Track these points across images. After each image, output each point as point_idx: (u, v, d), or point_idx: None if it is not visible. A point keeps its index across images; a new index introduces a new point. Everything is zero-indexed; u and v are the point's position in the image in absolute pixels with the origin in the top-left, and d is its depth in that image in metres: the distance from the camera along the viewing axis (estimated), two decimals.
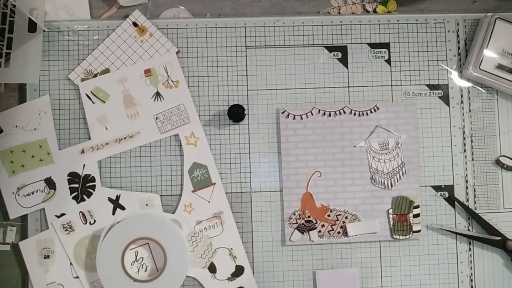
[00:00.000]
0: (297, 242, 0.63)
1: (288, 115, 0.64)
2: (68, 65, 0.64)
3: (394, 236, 0.63)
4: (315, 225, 0.63)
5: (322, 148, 0.63)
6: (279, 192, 0.63)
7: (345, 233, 0.63)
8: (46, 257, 0.62)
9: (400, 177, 0.63)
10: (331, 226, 0.63)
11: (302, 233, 0.63)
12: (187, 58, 0.64)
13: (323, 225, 0.63)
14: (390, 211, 0.63)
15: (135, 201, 0.63)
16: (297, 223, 0.63)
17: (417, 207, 0.63)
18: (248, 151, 0.64)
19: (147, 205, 0.63)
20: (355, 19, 0.65)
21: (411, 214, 0.63)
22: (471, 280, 0.64)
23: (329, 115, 0.64)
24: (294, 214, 0.63)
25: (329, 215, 0.63)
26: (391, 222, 0.63)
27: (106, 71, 0.63)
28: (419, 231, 0.63)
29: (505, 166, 0.65)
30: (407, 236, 0.63)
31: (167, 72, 0.64)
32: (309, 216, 0.63)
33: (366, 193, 0.63)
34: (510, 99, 0.65)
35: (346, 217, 0.63)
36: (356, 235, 0.63)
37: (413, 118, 0.64)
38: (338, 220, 0.63)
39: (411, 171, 0.64)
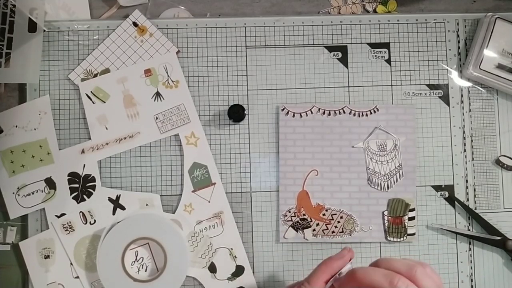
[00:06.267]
0: (291, 239, 0.63)
1: (287, 112, 0.64)
2: (68, 65, 0.64)
3: (388, 238, 0.63)
4: (309, 224, 0.63)
5: (320, 147, 0.63)
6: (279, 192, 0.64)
7: (340, 233, 0.63)
8: (46, 257, 0.62)
9: (397, 179, 0.63)
10: (325, 225, 0.63)
11: (297, 231, 0.63)
12: (187, 58, 0.64)
13: (317, 224, 0.63)
14: (386, 213, 0.63)
15: (135, 201, 0.63)
16: (291, 220, 0.63)
17: (413, 210, 0.63)
18: (248, 151, 0.64)
19: (147, 205, 0.63)
20: (355, 19, 0.65)
21: (406, 217, 0.63)
22: (471, 280, 0.64)
23: (329, 114, 0.64)
24: (289, 212, 0.63)
25: (324, 214, 0.63)
26: (386, 224, 0.63)
27: (106, 71, 0.63)
28: (413, 234, 0.63)
29: (505, 166, 0.65)
30: (402, 239, 0.63)
31: (167, 72, 0.64)
32: (304, 214, 0.63)
33: (362, 194, 0.63)
34: (510, 99, 0.65)
35: (341, 217, 0.63)
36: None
37: (413, 120, 0.64)
38: (333, 219, 0.63)
39: (408, 173, 0.64)
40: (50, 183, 0.62)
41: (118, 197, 0.63)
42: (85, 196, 0.62)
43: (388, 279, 0.42)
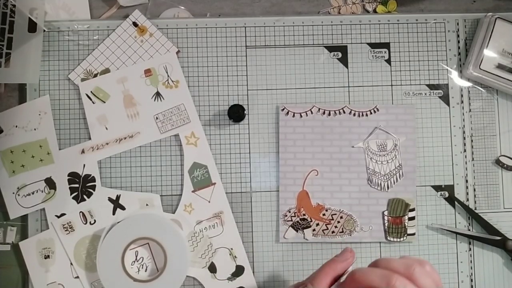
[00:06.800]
0: (291, 239, 0.63)
1: (287, 112, 0.64)
2: (68, 65, 0.64)
3: (388, 238, 0.63)
4: (309, 224, 0.63)
5: (320, 147, 0.63)
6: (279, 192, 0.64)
7: (340, 233, 0.63)
8: (46, 257, 0.62)
9: (397, 179, 0.63)
10: (325, 225, 0.63)
11: (297, 231, 0.63)
12: (187, 58, 0.64)
13: (317, 224, 0.63)
14: (386, 212, 0.63)
15: (135, 201, 0.63)
16: (291, 220, 0.63)
17: (413, 210, 0.63)
18: (248, 151, 0.64)
19: (147, 205, 0.63)
20: (355, 19, 0.65)
21: (406, 217, 0.63)
22: (471, 280, 0.64)
23: (329, 114, 0.64)
24: (289, 212, 0.63)
25: (324, 214, 0.63)
26: (386, 224, 0.63)
27: (106, 71, 0.63)
28: (413, 234, 0.63)
29: (505, 166, 0.65)
30: (402, 239, 0.63)
31: (167, 72, 0.64)
32: (304, 214, 0.63)
33: (362, 194, 0.63)
34: (510, 99, 0.65)
35: (341, 217, 0.63)
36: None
37: (413, 120, 0.64)
38: (333, 219, 0.63)
39: (408, 173, 0.64)
40: (50, 183, 0.62)
41: (118, 197, 0.63)
42: (85, 196, 0.62)
43: (386, 280, 0.42)
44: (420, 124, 0.65)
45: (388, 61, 0.65)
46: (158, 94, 0.63)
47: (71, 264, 0.62)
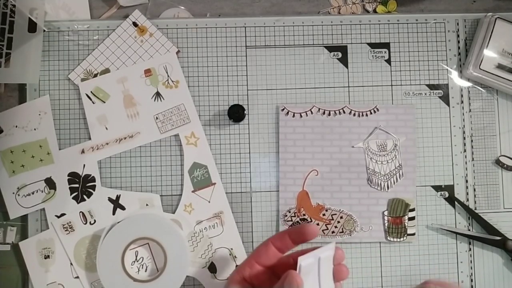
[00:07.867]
0: None
1: (287, 112, 0.64)
2: (68, 65, 0.64)
3: (388, 238, 0.63)
4: None
5: (320, 147, 0.63)
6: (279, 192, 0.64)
7: (340, 233, 0.63)
8: (46, 257, 0.62)
9: (397, 179, 0.63)
10: (325, 225, 0.63)
11: None
12: (187, 58, 0.64)
13: (317, 224, 0.63)
14: (386, 213, 0.63)
15: (135, 201, 0.63)
16: (291, 220, 0.63)
17: (413, 210, 0.63)
18: (248, 151, 0.64)
19: (147, 205, 0.63)
20: (355, 19, 0.65)
21: (406, 217, 0.63)
22: (471, 280, 0.64)
23: (329, 114, 0.64)
24: (289, 212, 0.63)
25: (324, 214, 0.63)
26: (386, 224, 0.63)
27: (106, 71, 0.63)
28: (413, 234, 0.63)
29: (505, 166, 0.65)
30: (402, 239, 0.63)
31: (167, 72, 0.64)
32: (304, 215, 0.63)
33: (362, 194, 0.63)
34: (510, 99, 0.65)
35: (341, 217, 0.63)
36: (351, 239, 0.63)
37: (413, 120, 0.64)
38: (333, 219, 0.63)
39: (408, 173, 0.64)
40: (50, 183, 0.62)
41: (118, 197, 0.63)
42: (85, 196, 0.62)
43: None
44: (420, 124, 0.65)
45: (388, 61, 0.65)
46: (158, 94, 0.63)
47: (71, 264, 0.62)
